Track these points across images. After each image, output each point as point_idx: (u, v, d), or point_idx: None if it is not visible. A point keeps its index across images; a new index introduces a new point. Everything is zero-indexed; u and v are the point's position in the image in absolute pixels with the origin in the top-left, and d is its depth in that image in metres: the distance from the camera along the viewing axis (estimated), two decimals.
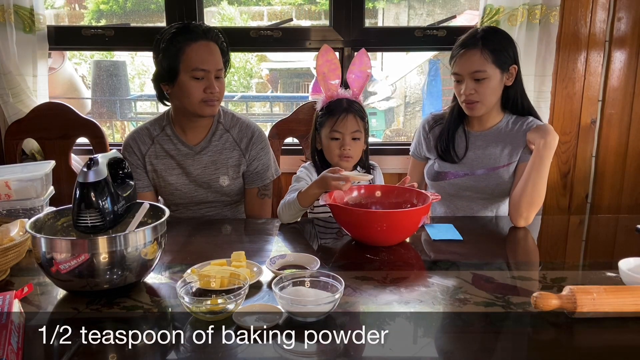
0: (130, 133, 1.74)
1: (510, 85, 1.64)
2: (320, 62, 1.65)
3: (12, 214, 1.43)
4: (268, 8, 4.44)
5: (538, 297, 0.95)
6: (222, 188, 1.71)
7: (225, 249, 1.25)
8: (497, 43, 1.60)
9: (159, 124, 1.72)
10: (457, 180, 1.70)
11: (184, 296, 0.96)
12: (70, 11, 4.18)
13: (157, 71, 1.63)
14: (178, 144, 1.69)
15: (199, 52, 1.57)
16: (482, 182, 1.68)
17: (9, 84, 2.12)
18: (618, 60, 2.20)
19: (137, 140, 1.70)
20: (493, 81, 1.60)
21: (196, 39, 1.57)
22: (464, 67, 1.60)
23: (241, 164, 1.73)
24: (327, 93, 1.66)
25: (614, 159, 2.30)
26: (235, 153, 1.72)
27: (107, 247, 1.00)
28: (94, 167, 1.04)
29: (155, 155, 1.69)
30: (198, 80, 1.57)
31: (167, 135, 1.70)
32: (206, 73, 1.57)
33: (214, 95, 1.59)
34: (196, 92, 1.58)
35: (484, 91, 1.60)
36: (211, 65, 1.58)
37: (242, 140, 1.73)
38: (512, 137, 1.66)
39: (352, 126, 1.60)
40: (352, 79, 1.68)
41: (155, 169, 1.70)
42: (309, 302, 0.94)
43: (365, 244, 1.35)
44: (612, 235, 1.59)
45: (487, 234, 1.58)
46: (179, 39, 1.57)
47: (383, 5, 4.29)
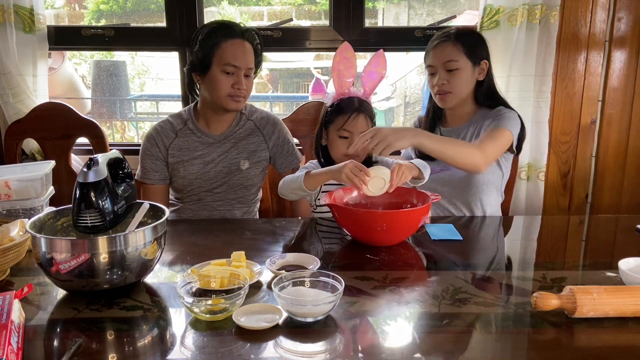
0: (153, 127, 1.79)
1: (482, 80, 1.71)
2: (338, 58, 1.66)
3: (12, 214, 1.43)
4: (268, 8, 4.44)
5: (538, 297, 0.95)
6: (241, 172, 1.77)
7: (225, 249, 1.25)
8: (468, 38, 1.69)
9: (181, 119, 1.79)
10: (434, 176, 1.69)
11: (183, 296, 0.96)
12: (70, 11, 4.18)
13: (191, 61, 1.71)
14: (202, 136, 1.76)
15: (233, 49, 1.65)
16: (457, 174, 1.70)
17: (9, 84, 2.12)
18: (618, 60, 2.20)
19: (161, 133, 1.76)
20: (465, 73, 1.67)
21: (233, 36, 1.66)
22: (437, 58, 1.68)
23: (261, 149, 1.79)
24: (340, 90, 1.66)
25: (614, 159, 2.30)
26: (256, 138, 1.79)
27: (107, 247, 1.00)
28: (94, 167, 1.04)
29: (178, 147, 1.75)
30: (228, 75, 1.65)
31: (190, 129, 1.77)
32: (236, 69, 1.65)
33: (240, 91, 1.67)
34: (224, 86, 1.65)
35: (456, 82, 1.67)
36: (242, 63, 1.65)
37: (265, 126, 1.81)
38: (481, 127, 1.70)
39: (363, 126, 1.60)
40: (366, 78, 1.68)
41: (177, 160, 1.75)
42: (309, 302, 0.94)
43: (365, 244, 1.35)
44: (612, 235, 1.59)
45: (487, 234, 1.58)
46: (217, 34, 1.65)
47: (383, 5, 4.29)
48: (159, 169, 1.76)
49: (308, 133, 2.03)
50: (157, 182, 1.76)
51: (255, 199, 1.86)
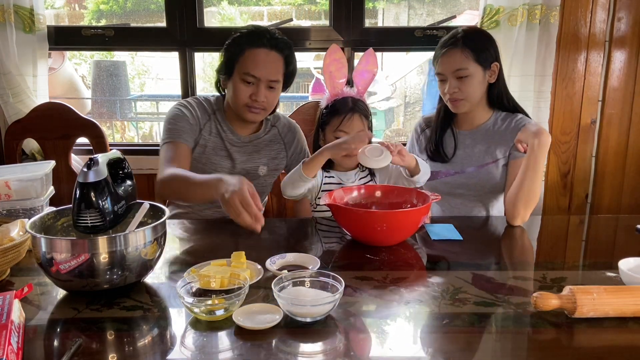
0: (190, 98, 1.74)
1: (494, 82, 1.68)
2: (328, 60, 1.66)
3: (12, 214, 1.43)
4: (268, 8, 4.44)
5: (538, 297, 0.95)
6: (259, 177, 1.75)
7: (225, 249, 1.25)
8: (477, 41, 1.64)
9: (209, 106, 1.74)
10: (448, 179, 1.73)
11: (183, 296, 0.96)
12: (70, 11, 4.18)
13: (220, 62, 1.67)
14: (228, 131, 1.73)
15: (255, 58, 1.59)
16: (473, 179, 1.71)
17: (9, 84, 2.12)
18: (618, 60, 2.21)
19: (198, 108, 1.71)
20: (475, 78, 1.64)
21: (258, 45, 1.59)
22: (446, 67, 1.65)
23: (280, 157, 1.78)
24: (333, 91, 1.66)
25: (614, 159, 2.30)
26: (277, 146, 1.78)
27: (107, 247, 0.99)
28: (94, 167, 1.04)
29: (209, 131, 1.70)
30: (247, 84, 1.60)
31: (218, 120, 1.72)
32: (256, 80, 1.60)
33: (258, 103, 1.61)
34: (242, 95, 1.61)
35: (467, 89, 1.64)
36: (263, 74, 1.59)
37: (287, 134, 1.80)
38: (501, 134, 1.69)
39: (358, 126, 1.60)
40: (358, 77, 1.69)
41: (205, 145, 1.69)
42: (309, 302, 0.94)
43: (365, 244, 1.35)
44: (612, 235, 1.59)
45: (487, 234, 1.58)
46: (243, 40, 1.61)
47: (383, 5, 4.29)
48: (194, 133, 1.67)
49: (308, 133, 2.03)
50: (190, 143, 1.66)
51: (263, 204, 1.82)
